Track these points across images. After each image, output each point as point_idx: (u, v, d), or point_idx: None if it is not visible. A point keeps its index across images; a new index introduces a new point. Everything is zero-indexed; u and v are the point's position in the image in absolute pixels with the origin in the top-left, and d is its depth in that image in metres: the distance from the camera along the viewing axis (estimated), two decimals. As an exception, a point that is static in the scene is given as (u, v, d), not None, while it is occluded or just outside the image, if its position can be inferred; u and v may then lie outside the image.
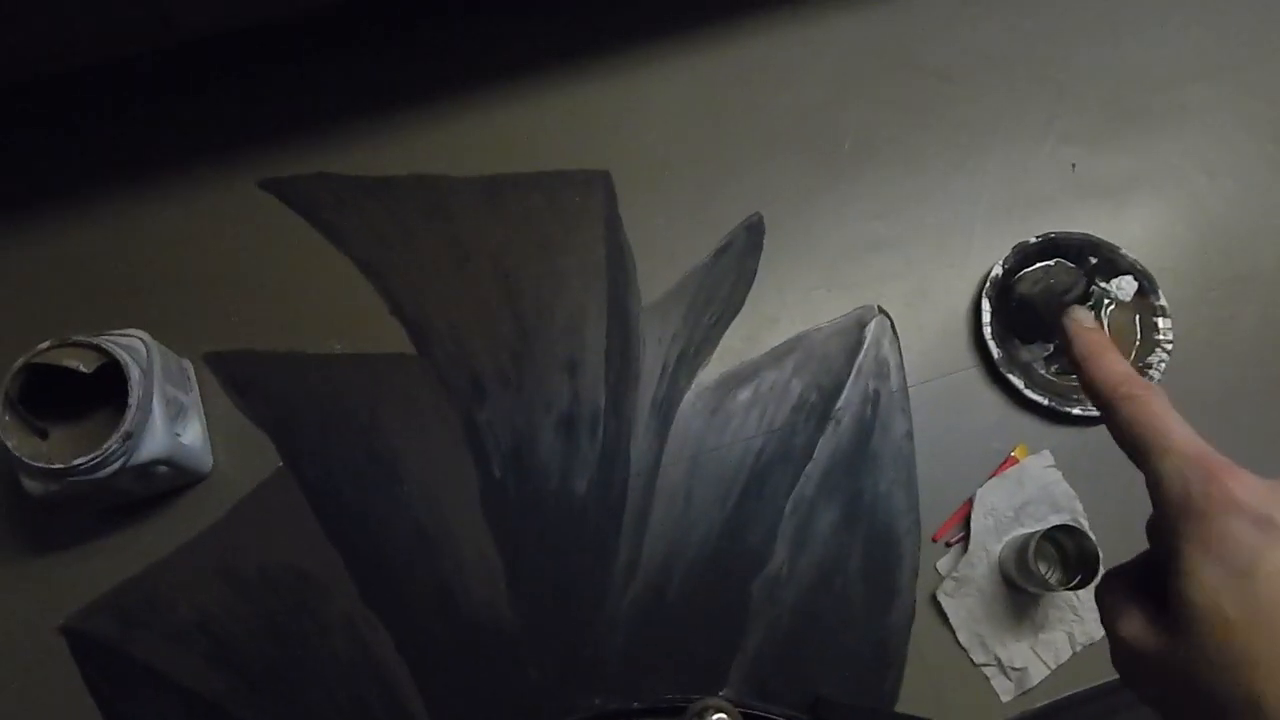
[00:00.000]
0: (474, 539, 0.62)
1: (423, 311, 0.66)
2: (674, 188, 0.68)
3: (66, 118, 0.69)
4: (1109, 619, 0.29)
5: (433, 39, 0.71)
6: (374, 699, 0.60)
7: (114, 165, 0.68)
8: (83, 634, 0.60)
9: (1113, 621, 0.29)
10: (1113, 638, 0.29)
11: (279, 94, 0.70)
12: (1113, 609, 0.29)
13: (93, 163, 0.68)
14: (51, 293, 0.65)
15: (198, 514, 0.62)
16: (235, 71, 0.70)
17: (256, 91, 0.70)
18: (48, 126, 0.68)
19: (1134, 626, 0.28)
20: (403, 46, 0.71)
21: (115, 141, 0.68)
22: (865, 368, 0.65)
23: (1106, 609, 0.30)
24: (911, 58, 0.72)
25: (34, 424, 0.55)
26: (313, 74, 0.70)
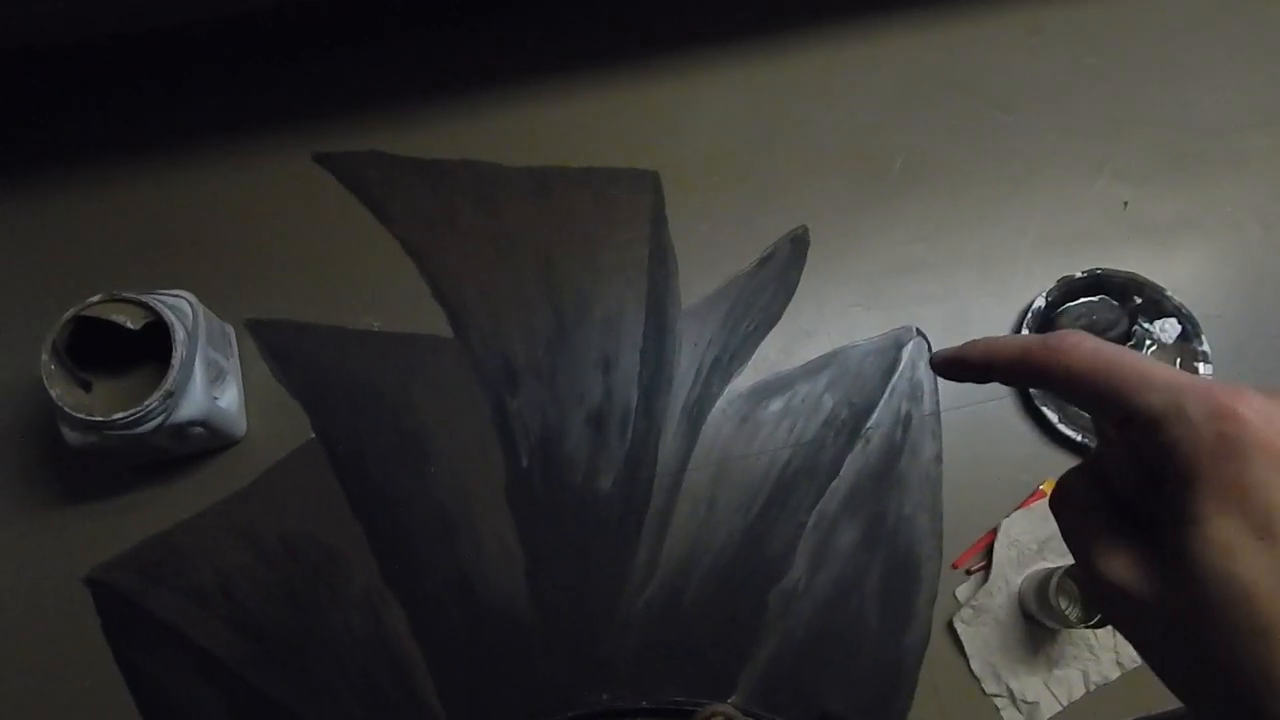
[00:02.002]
0: (496, 526, 0.63)
1: (463, 296, 0.66)
2: (722, 193, 0.69)
3: (136, 80, 0.70)
4: (1085, 552, 0.25)
5: (496, 29, 0.72)
6: (385, 677, 0.61)
7: (176, 128, 0.69)
8: (106, 586, 0.61)
9: (1093, 557, 0.25)
10: (1090, 572, 0.25)
11: (340, 70, 0.70)
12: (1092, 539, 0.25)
13: (157, 124, 0.69)
14: (105, 248, 0.66)
15: (227, 477, 0.63)
16: (300, 45, 0.71)
17: (319, 66, 0.70)
18: (115, 88, 0.70)
19: (1119, 568, 0.24)
20: (465, 34, 0.72)
21: (179, 105, 0.69)
22: (899, 389, 0.65)
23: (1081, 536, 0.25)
24: (970, 84, 0.71)
25: (78, 375, 0.56)
26: (374, 54, 0.71)
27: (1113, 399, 0.24)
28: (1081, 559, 0.25)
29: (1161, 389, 0.23)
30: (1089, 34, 0.73)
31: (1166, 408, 0.23)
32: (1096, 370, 0.24)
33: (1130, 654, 0.62)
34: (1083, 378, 0.24)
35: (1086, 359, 0.24)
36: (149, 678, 0.60)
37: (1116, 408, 0.24)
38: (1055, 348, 0.25)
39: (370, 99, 0.70)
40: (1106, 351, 0.24)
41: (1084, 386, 0.25)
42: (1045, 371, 0.25)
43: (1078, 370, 0.24)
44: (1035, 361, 0.25)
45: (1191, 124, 0.72)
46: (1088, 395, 0.25)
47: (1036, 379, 0.26)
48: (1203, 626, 0.22)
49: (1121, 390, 0.24)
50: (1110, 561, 0.24)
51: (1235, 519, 0.21)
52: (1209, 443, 0.22)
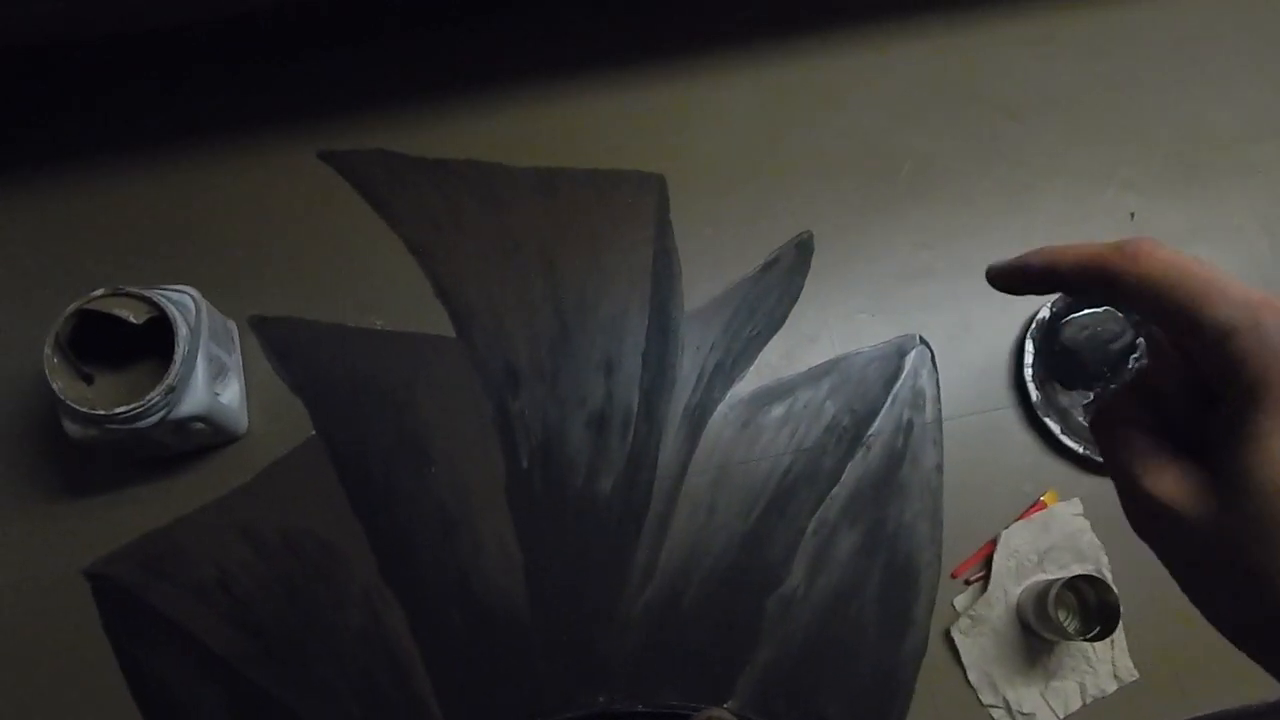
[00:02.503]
0: (496, 527, 0.63)
1: (466, 296, 0.66)
2: (727, 197, 0.68)
3: (142, 77, 0.70)
4: (1131, 469, 0.25)
5: (503, 29, 0.72)
6: (383, 675, 0.61)
7: (181, 125, 0.69)
8: (106, 579, 0.61)
9: (1137, 474, 0.24)
10: (1134, 490, 0.24)
11: (346, 68, 0.70)
12: (1136, 457, 0.25)
13: (162, 121, 0.69)
14: (109, 243, 0.66)
15: (228, 473, 0.63)
16: (307, 42, 0.71)
17: (324, 63, 0.70)
18: (121, 85, 0.69)
19: (1167, 485, 0.23)
20: (472, 34, 0.71)
21: (185, 102, 0.69)
22: (901, 396, 0.65)
23: (1124, 454, 0.25)
24: (978, 91, 0.71)
25: (81, 369, 0.56)
26: (380, 52, 0.71)
27: (1185, 308, 0.23)
28: (1125, 477, 0.25)
29: (1238, 302, 0.22)
30: (1099, 43, 0.73)
31: (1241, 321, 0.22)
32: (1170, 278, 0.23)
33: (1127, 666, 0.61)
34: (1157, 285, 0.23)
35: (1161, 266, 0.23)
36: (148, 671, 0.60)
37: (1187, 317, 0.23)
38: (1131, 253, 0.24)
39: (376, 97, 0.70)
40: (1183, 260, 0.23)
41: (1156, 294, 0.23)
42: (1117, 276, 0.24)
43: (1152, 277, 0.24)
44: (1109, 266, 0.24)
45: (1201, 134, 0.71)
46: (1159, 305, 0.24)
47: (1105, 284, 0.25)
48: (1256, 545, 0.21)
49: (1196, 300, 0.23)
50: (1158, 478, 0.24)
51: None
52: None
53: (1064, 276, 0.26)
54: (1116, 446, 0.26)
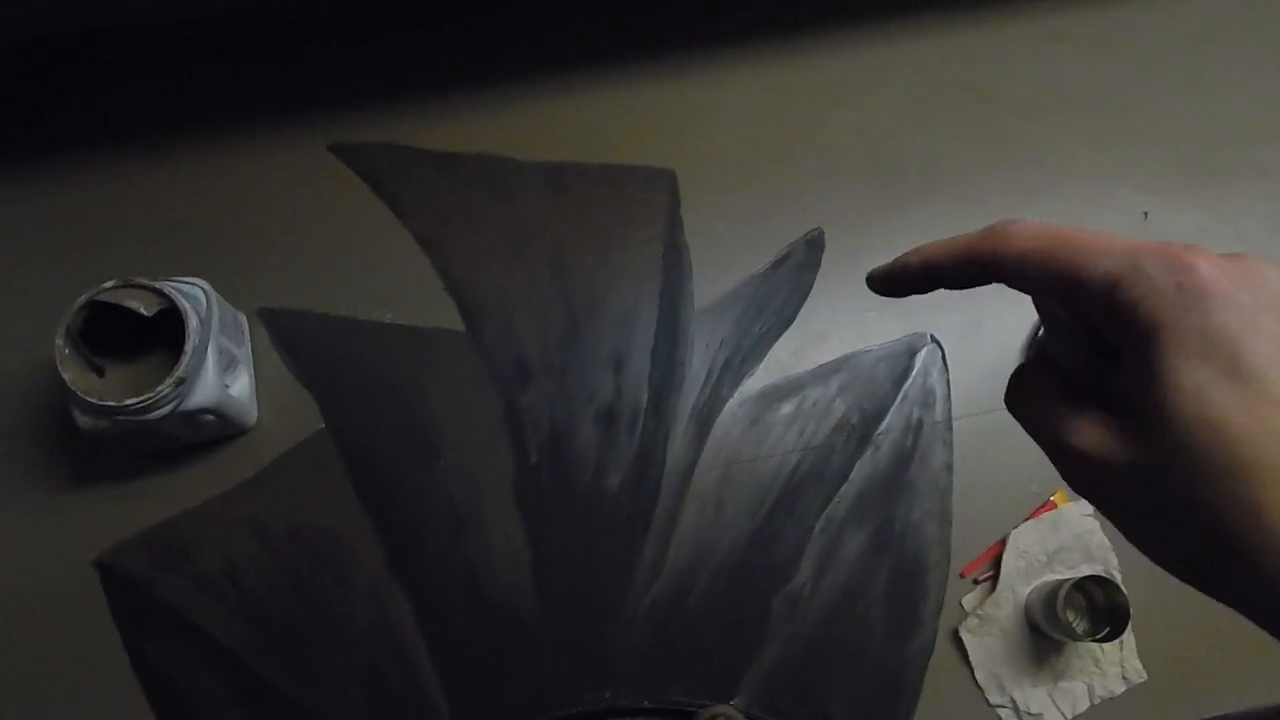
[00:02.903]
0: (503, 522, 0.63)
1: (476, 290, 0.66)
2: (738, 194, 0.68)
3: (154, 69, 0.70)
4: (1053, 431, 0.25)
5: (515, 23, 0.71)
6: (389, 668, 0.61)
7: (192, 117, 0.69)
8: (115, 569, 0.61)
9: (1059, 433, 0.25)
10: (1062, 450, 0.25)
11: (357, 60, 0.70)
12: (1054, 418, 0.25)
13: (174, 113, 0.69)
14: (120, 234, 0.66)
15: (237, 466, 0.63)
16: (317, 34, 0.71)
17: (335, 56, 0.70)
18: (133, 77, 0.69)
19: (1091, 437, 0.24)
20: (484, 28, 0.71)
21: (196, 94, 0.69)
22: (911, 395, 0.65)
23: (1043, 418, 0.25)
24: (990, 90, 0.71)
25: (91, 360, 0.57)
26: (391, 45, 0.71)
27: (1066, 272, 0.24)
28: (1047, 437, 0.25)
29: (1116, 253, 0.23)
30: (1112, 42, 0.72)
31: (1123, 269, 0.23)
32: (1043, 247, 0.24)
33: (1136, 668, 0.61)
34: (1032, 258, 0.24)
35: (1031, 239, 0.24)
36: (155, 662, 0.60)
37: (1070, 280, 0.24)
38: (1000, 232, 0.25)
39: (387, 91, 0.70)
40: (1051, 228, 0.24)
41: (1035, 266, 0.24)
42: (993, 259, 0.25)
43: (1026, 250, 0.24)
44: (981, 252, 0.25)
45: (1214, 135, 0.71)
46: (1039, 275, 0.24)
47: (984, 269, 0.25)
48: (1179, 475, 0.22)
49: (1076, 260, 0.23)
50: (1077, 431, 0.24)
51: (1203, 364, 0.21)
52: (1169, 295, 0.22)
53: (942, 271, 0.27)
54: (1034, 414, 0.26)
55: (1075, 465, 0.25)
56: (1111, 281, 0.23)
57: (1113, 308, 0.23)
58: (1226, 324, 0.21)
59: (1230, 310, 0.21)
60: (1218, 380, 0.21)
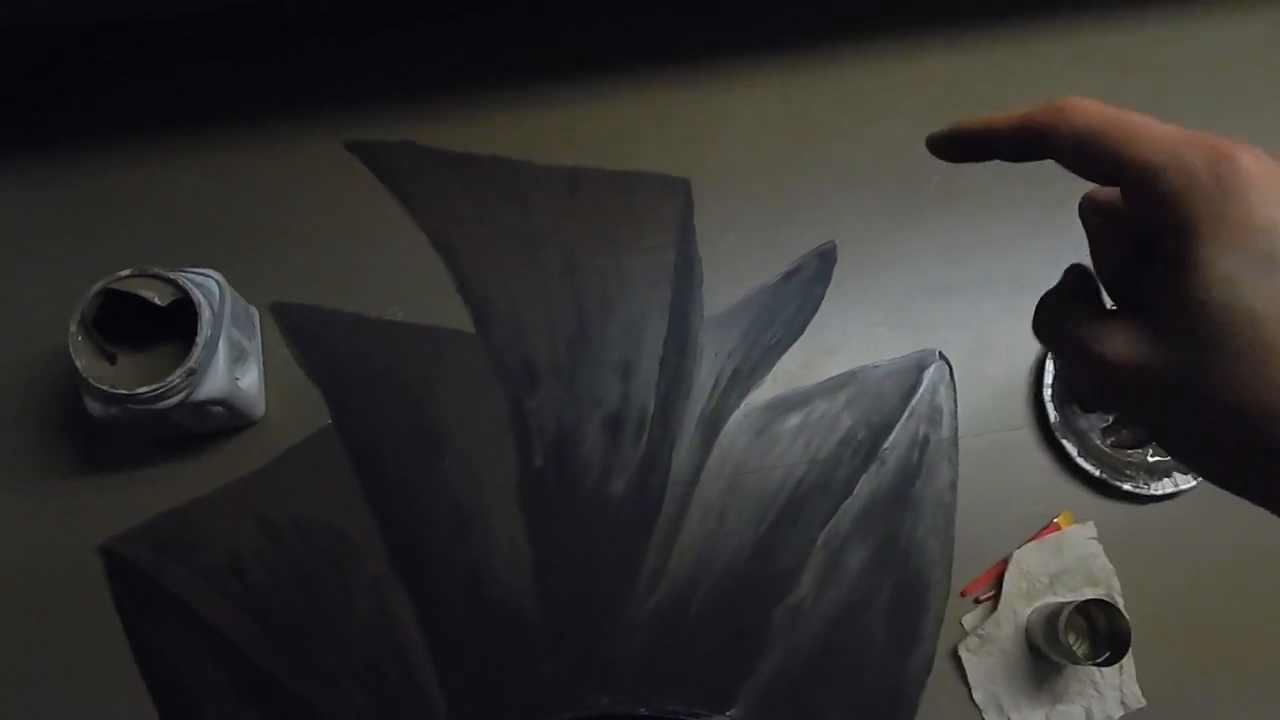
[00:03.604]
0: (507, 524, 0.63)
1: (487, 292, 0.67)
2: (751, 204, 0.68)
3: (174, 61, 0.70)
4: (1080, 341, 0.25)
5: (533, 27, 0.72)
6: (389, 665, 0.61)
7: (211, 108, 0.69)
8: (119, 557, 0.62)
9: (1091, 346, 0.24)
10: (1095, 361, 0.24)
11: (376, 59, 0.70)
12: (1082, 329, 0.25)
13: (193, 105, 0.69)
14: (136, 224, 0.67)
15: (243, 458, 0.63)
16: (337, 31, 0.71)
17: (355, 53, 0.71)
18: (154, 68, 0.70)
19: (1120, 343, 0.23)
20: (504, 29, 0.71)
21: (216, 87, 0.70)
22: (919, 411, 0.65)
23: (1071, 331, 0.25)
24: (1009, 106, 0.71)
25: (104, 348, 0.57)
26: (412, 44, 0.71)
27: (1113, 152, 0.24)
28: (1078, 353, 0.25)
29: (1162, 139, 0.23)
30: (1134, 64, 0.72)
31: (1163, 156, 0.23)
32: (1097, 125, 0.24)
33: (1135, 693, 0.61)
34: (1085, 134, 0.24)
35: (1087, 116, 0.24)
36: (157, 651, 0.61)
37: (1115, 161, 0.23)
38: (1060, 105, 0.25)
39: (405, 89, 0.70)
40: (1109, 109, 0.24)
41: (1086, 143, 0.24)
42: (1050, 130, 0.25)
43: (1080, 126, 0.24)
44: (1039, 123, 0.25)
45: (1232, 161, 0.71)
46: (1088, 152, 0.24)
47: (1039, 139, 0.25)
48: (1216, 367, 0.21)
49: (1122, 143, 0.23)
50: (1108, 341, 0.24)
51: (1236, 253, 0.21)
52: (1208, 186, 0.22)
53: (999, 136, 0.27)
54: (1061, 330, 0.26)
55: (1109, 377, 0.24)
56: (1153, 169, 0.23)
57: (1153, 197, 0.23)
58: (1265, 211, 0.21)
59: (1269, 202, 0.21)
60: (1255, 270, 0.21)
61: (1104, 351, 0.24)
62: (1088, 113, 0.24)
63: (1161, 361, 0.23)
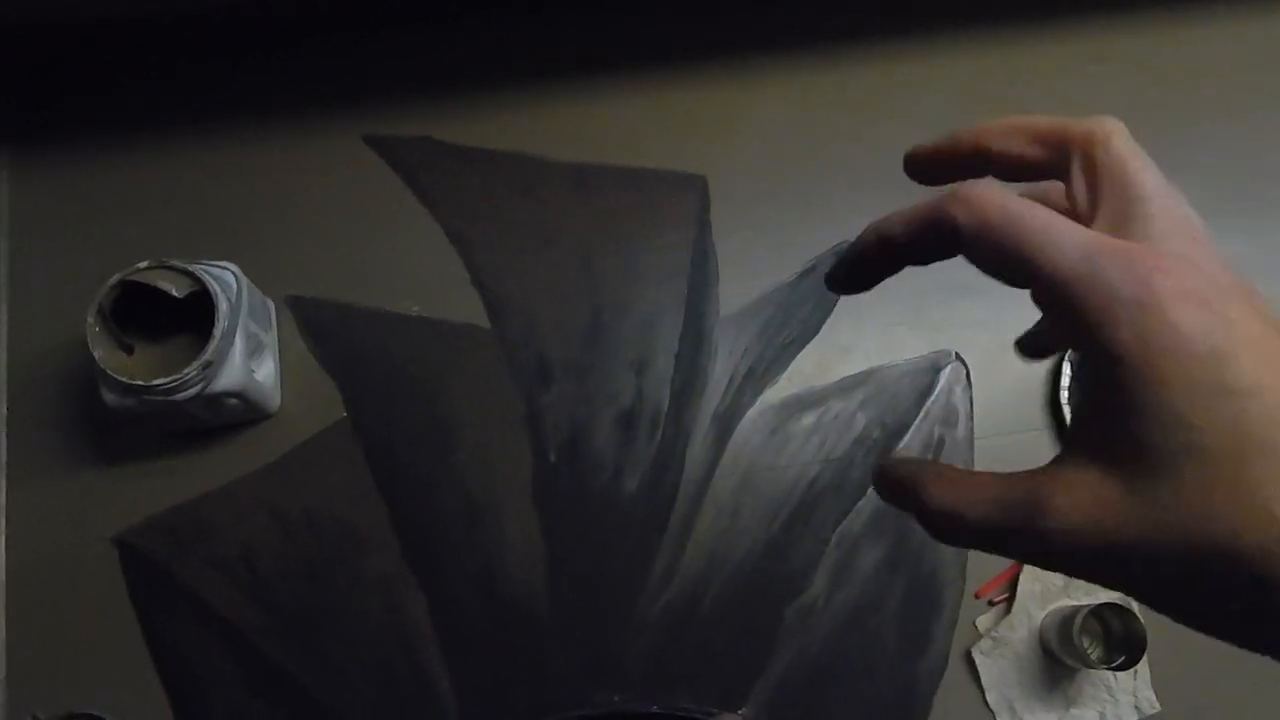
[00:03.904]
0: (520, 520, 0.63)
1: (502, 287, 0.66)
2: (768, 203, 0.68)
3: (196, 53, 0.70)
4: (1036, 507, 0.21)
5: (551, 23, 0.71)
6: (399, 660, 0.61)
7: (229, 101, 0.69)
8: (133, 548, 0.62)
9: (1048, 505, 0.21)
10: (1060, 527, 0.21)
11: (395, 53, 0.70)
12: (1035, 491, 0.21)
13: (209, 97, 0.69)
14: (155, 216, 0.67)
15: (258, 451, 0.63)
16: (356, 25, 0.71)
17: (374, 47, 0.71)
18: (176, 60, 0.70)
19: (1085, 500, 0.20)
20: (521, 25, 0.71)
21: (237, 78, 0.70)
22: (934, 412, 0.64)
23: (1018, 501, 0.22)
24: (1027, 109, 0.70)
25: (121, 339, 0.57)
26: (430, 38, 0.71)
27: (1025, 260, 0.21)
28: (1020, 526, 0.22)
29: (1072, 248, 0.21)
30: (1154, 66, 0.72)
31: (1077, 271, 0.20)
32: (1005, 225, 0.21)
33: (1149, 698, 0.61)
34: (991, 235, 0.22)
35: (991, 214, 0.22)
36: (170, 642, 0.61)
37: (1027, 270, 0.21)
38: (963, 199, 0.22)
39: (423, 84, 0.70)
40: (1014, 203, 0.22)
41: (993, 246, 0.22)
42: (952, 230, 0.22)
43: (984, 226, 0.22)
44: (940, 221, 0.22)
45: (1258, 164, 0.70)
46: (996, 257, 0.22)
47: (944, 241, 0.23)
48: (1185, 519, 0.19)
49: (1028, 249, 0.21)
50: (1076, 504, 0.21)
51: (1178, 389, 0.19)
52: (1130, 308, 0.20)
53: (900, 245, 0.24)
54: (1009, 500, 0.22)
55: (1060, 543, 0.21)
56: (1067, 286, 0.21)
57: (1070, 319, 0.21)
58: (1201, 339, 0.19)
59: (1202, 323, 0.19)
60: (1199, 402, 0.19)
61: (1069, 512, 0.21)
62: (991, 209, 0.22)
63: (1129, 516, 0.20)
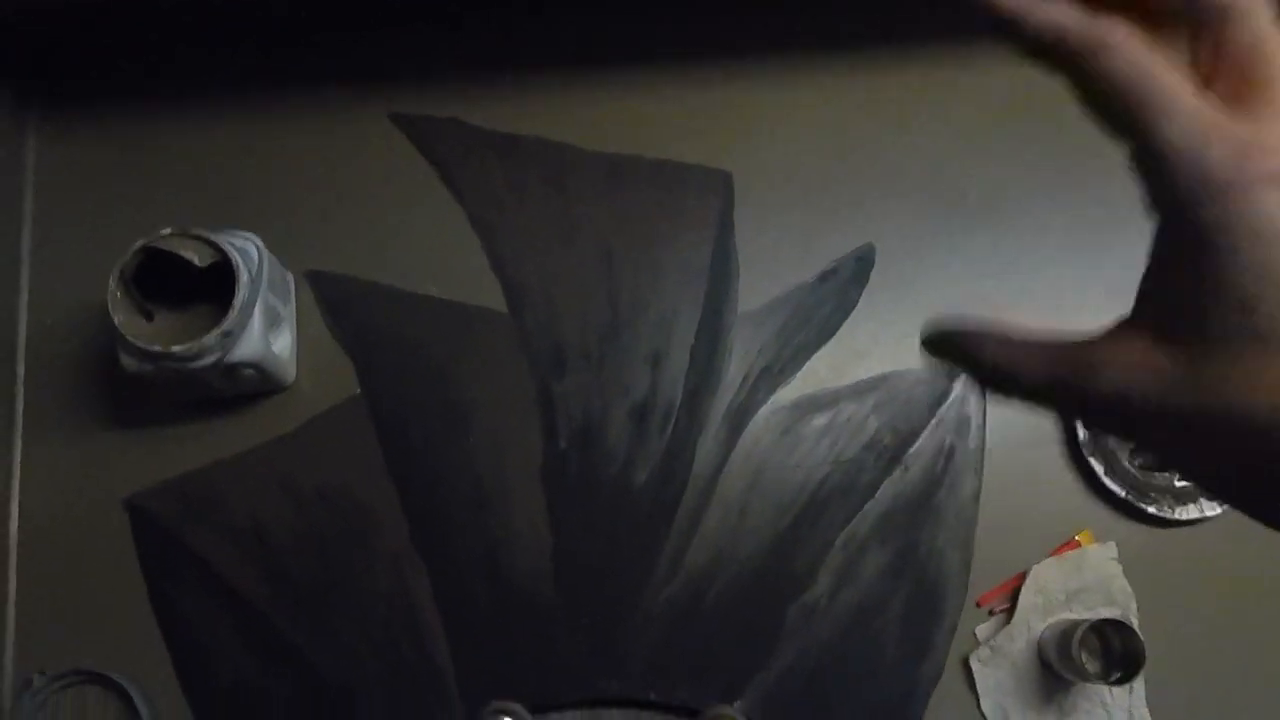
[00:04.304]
0: (528, 507, 0.63)
1: (522, 274, 0.67)
2: (792, 203, 0.68)
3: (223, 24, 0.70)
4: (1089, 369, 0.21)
5: (583, 12, 0.71)
6: (404, 639, 0.61)
7: (259, 74, 0.69)
8: (145, 511, 0.62)
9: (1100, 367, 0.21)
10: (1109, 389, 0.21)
11: (427, 33, 0.70)
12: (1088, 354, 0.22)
13: (239, 69, 0.69)
14: (180, 184, 0.67)
15: (272, 422, 0.64)
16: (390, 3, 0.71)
17: (407, 27, 0.70)
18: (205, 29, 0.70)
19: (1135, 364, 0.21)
20: (554, 13, 0.71)
21: (264, 51, 0.70)
22: (946, 420, 0.65)
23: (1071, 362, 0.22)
24: (1064, 121, 0.70)
25: (142, 305, 0.57)
26: (464, 21, 0.71)
27: (1133, 118, 0.21)
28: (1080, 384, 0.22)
29: (1189, 123, 0.20)
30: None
31: (1185, 139, 0.20)
32: (1133, 85, 0.20)
33: (1144, 715, 0.61)
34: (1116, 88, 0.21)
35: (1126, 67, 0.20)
36: (176, 606, 0.61)
37: (1132, 129, 0.21)
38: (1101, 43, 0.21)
39: (453, 66, 0.70)
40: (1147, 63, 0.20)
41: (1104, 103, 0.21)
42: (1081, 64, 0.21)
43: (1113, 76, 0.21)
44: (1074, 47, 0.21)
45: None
46: (1105, 115, 0.21)
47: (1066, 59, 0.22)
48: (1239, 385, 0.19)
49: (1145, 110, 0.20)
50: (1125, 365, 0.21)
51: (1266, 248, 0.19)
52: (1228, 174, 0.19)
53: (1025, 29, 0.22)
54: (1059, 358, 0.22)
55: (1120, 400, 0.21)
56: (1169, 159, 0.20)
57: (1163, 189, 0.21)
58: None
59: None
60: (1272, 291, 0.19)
61: (1118, 374, 0.21)
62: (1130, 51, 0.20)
63: (1185, 378, 0.20)
